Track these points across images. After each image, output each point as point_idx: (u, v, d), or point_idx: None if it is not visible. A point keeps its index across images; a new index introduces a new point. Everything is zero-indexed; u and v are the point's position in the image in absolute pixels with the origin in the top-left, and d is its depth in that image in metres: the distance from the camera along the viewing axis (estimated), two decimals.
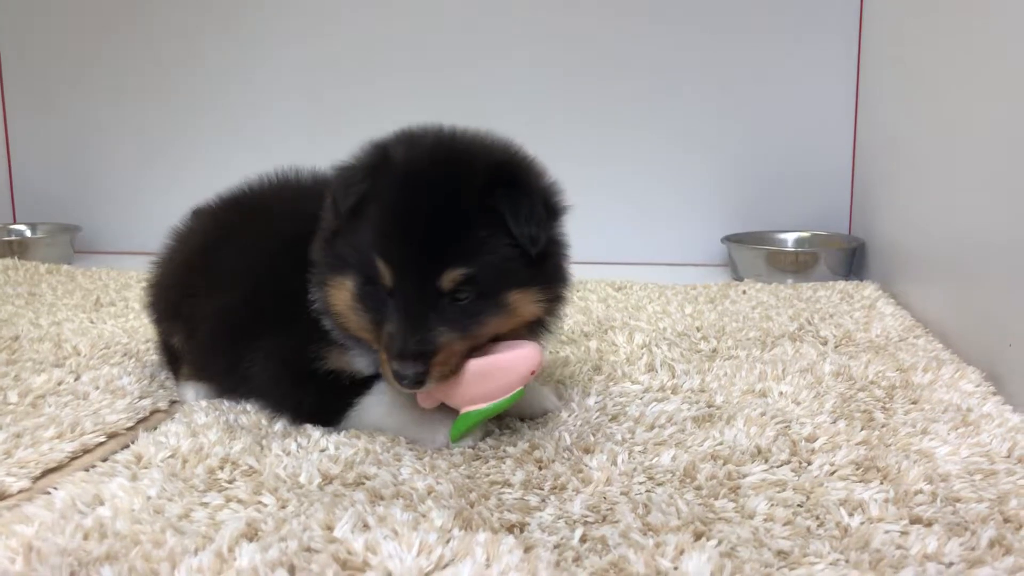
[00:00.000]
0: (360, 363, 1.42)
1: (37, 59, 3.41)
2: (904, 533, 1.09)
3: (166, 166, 3.39)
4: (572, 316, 2.24)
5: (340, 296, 1.32)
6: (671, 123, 3.14)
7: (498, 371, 1.32)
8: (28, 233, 3.32)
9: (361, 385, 1.44)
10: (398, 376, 1.26)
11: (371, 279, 1.28)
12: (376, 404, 1.43)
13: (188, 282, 1.60)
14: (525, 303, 1.33)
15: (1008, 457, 1.32)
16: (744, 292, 2.56)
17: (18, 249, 3.09)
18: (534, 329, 1.41)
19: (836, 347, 1.96)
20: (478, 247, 1.26)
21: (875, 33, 2.85)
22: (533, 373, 1.34)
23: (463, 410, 1.35)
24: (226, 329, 1.52)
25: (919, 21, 2.38)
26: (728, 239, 2.98)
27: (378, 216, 1.27)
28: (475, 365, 1.32)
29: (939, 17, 2.20)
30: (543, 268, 1.35)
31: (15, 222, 3.43)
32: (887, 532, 1.09)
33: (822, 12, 3.01)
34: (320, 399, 1.44)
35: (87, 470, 1.30)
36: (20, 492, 1.24)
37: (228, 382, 1.56)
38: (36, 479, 1.28)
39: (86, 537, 1.06)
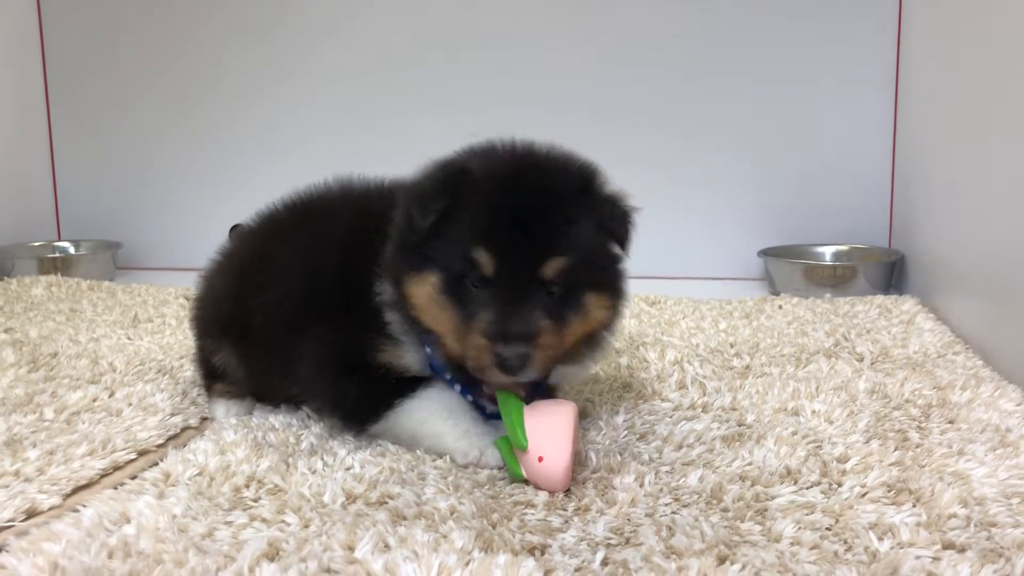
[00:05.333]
0: (410, 359, 1.43)
1: (81, 85, 3.48)
2: (935, 559, 1.06)
3: (204, 185, 3.44)
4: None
5: (422, 290, 1.34)
6: (707, 136, 3.11)
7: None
8: (72, 250, 3.39)
9: (405, 387, 1.44)
10: (501, 361, 1.27)
11: (458, 275, 1.31)
12: (417, 409, 1.43)
13: (242, 287, 1.62)
14: (597, 307, 1.39)
15: None
16: (780, 307, 2.52)
17: (62, 266, 3.15)
18: (592, 343, 1.46)
19: (872, 364, 1.93)
20: (575, 241, 1.33)
21: (914, 44, 2.80)
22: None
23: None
24: (281, 319, 1.54)
25: (959, 32, 2.34)
26: (765, 253, 2.95)
27: (475, 215, 1.32)
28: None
29: (979, 28, 2.16)
30: (613, 276, 1.43)
31: (60, 239, 3.49)
32: (918, 558, 1.06)
33: (860, 22, 2.97)
34: (364, 394, 1.45)
35: (116, 487, 1.31)
36: (51, 509, 1.26)
37: (278, 374, 1.58)
38: (67, 496, 1.30)
39: (110, 556, 1.07)
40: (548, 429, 1.30)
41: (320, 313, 1.48)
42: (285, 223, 1.66)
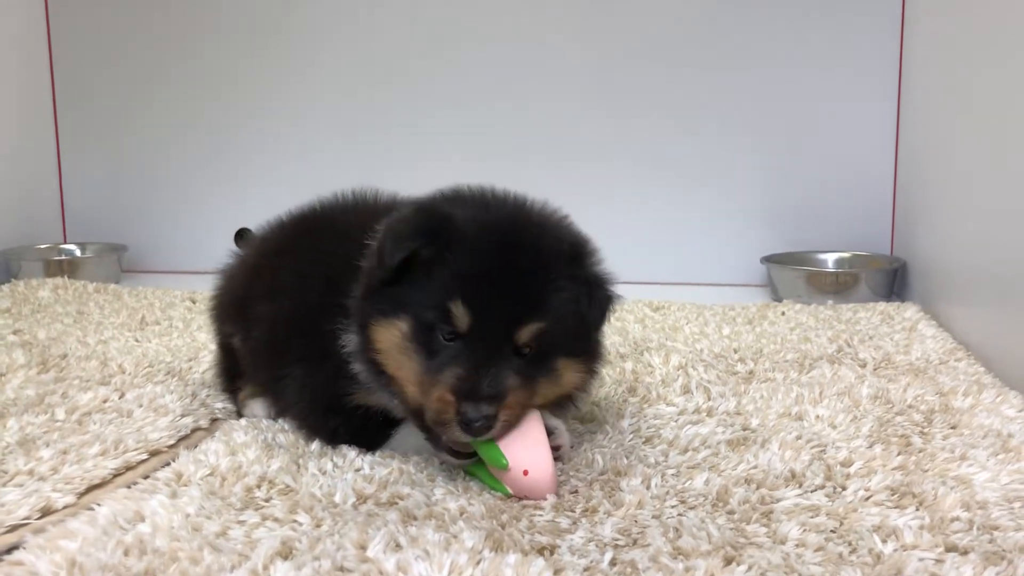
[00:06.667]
0: (387, 402, 1.42)
1: (88, 88, 3.50)
2: (939, 561, 1.08)
3: (210, 189, 3.46)
4: (609, 337, 2.24)
5: (388, 336, 1.32)
6: (710, 144, 3.13)
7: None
8: (78, 253, 3.40)
9: (392, 418, 1.45)
10: (465, 420, 1.24)
11: (429, 324, 1.29)
12: (413, 431, 1.43)
13: (251, 289, 1.64)
14: (570, 371, 1.38)
15: None
16: (783, 313, 2.54)
17: (68, 268, 3.17)
18: (564, 405, 1.44)
19: (875, 370, 1.94)
20: (553, 308, 1.30)
21: (916, 53, 2.82)
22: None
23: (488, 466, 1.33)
24: (269, 344, 1.56)
25: (961, 38, 2.36)
26: (768, 259, 2.96)
27: (455, 267, 1.29)
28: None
29: (981, 33, 2.18)
30: (590, 342, 1.42)
31: (65, 242, 3.51)
32: (921, 560, 1.08)
33: (863, 30, 2.99)
34: (355, 433, 1.46)
35: (129, 487, 1.33)
36: (65, 508, 1.27)
37: (267, 390, 1.61)
38: (80, 495, 1.32)
39: (127, 553, 1.09)
40: (523, 442, 1.30)
41: (299, 350, 1.49)
42: (292, 238, 1.67)
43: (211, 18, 3.38)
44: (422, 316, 1.30)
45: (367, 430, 1.45)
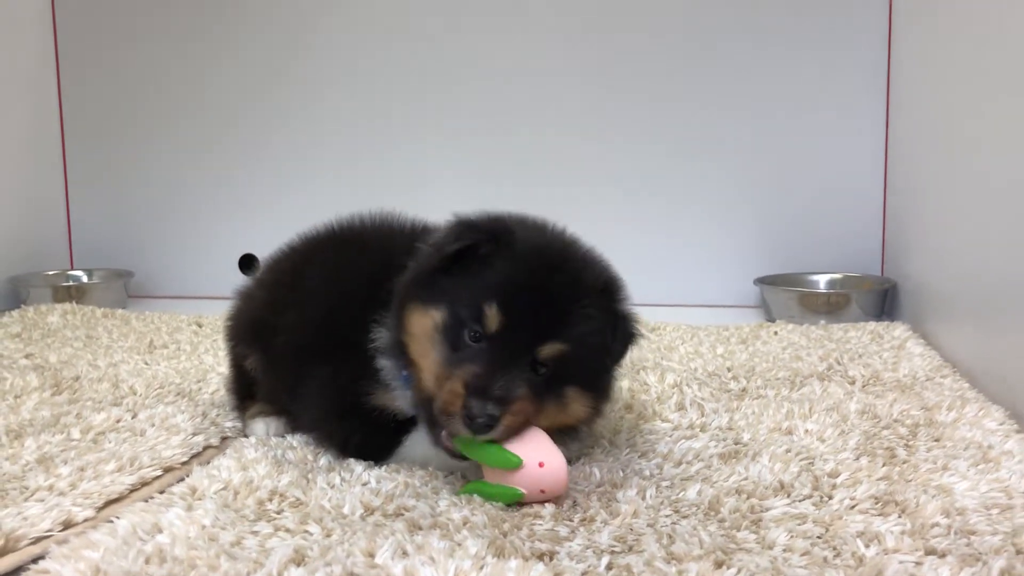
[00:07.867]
0: (403, 403, 1.48)
1: (95, 116, 3.59)
2: (918, 564, 1.14)
3: (214, 215, 3.53)
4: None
5: (422, 323, 1.38)
6: (705, 169, 3.21)
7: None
8: (85, 279, 3.46)
9: (406, 424, 1.51)
10: (470, 415, 1.29)
11: (460, 321, 1.35)
12: (421, 440, 1.49)
13: (274, 301, 1.71)
14: (578, 403, 1.43)
15: None
16: (775, 333, 2.60)
17: (76, 294, 3.23)
18: (569, 434, 1.49)
19: (863, 386, 2.00)
20: (576, 336, 1.36)
21: (904, 74, 2.90)
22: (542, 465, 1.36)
23: (488, 478, 1.38)
24: (295, 346, 1.62)
25: (949, 62, 2.43)
26: (761, 281, 3.03)
27: (500, 274, 1.36)
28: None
29: (969, 58, 2.24)
30: (601, 379, 1.48)
31: (72, 268, 3.57)
32: (901, 562, 1.14)
33: (851, 53, 3.08)
34: (368, 437, 1.52)
35: (146, 501, 1.38)
36: (85, 521, 1.33)
37: (289, 397, 1.66)
38: (99, 509, 1.37)
39: (147, 561, 1.15)
40: (530, 441, 1.35)
41: (326, 351, 1.55)
42: (318, 248, 1.75)
43: (218, 51, 3.46)
44: (456, 311, 1.36)
45: (379, 435, 1.51)
